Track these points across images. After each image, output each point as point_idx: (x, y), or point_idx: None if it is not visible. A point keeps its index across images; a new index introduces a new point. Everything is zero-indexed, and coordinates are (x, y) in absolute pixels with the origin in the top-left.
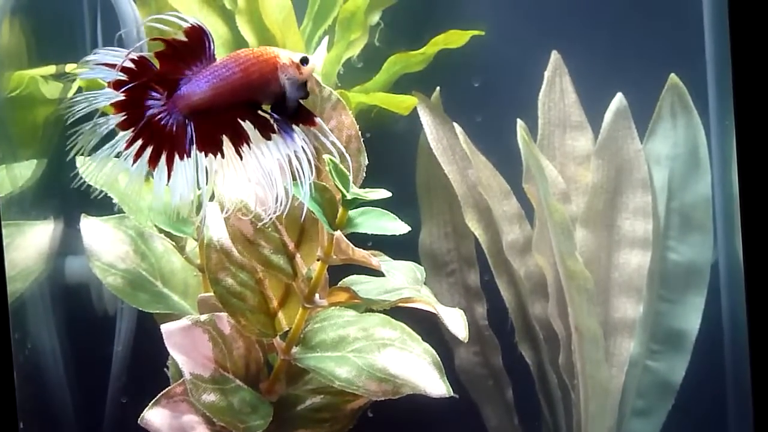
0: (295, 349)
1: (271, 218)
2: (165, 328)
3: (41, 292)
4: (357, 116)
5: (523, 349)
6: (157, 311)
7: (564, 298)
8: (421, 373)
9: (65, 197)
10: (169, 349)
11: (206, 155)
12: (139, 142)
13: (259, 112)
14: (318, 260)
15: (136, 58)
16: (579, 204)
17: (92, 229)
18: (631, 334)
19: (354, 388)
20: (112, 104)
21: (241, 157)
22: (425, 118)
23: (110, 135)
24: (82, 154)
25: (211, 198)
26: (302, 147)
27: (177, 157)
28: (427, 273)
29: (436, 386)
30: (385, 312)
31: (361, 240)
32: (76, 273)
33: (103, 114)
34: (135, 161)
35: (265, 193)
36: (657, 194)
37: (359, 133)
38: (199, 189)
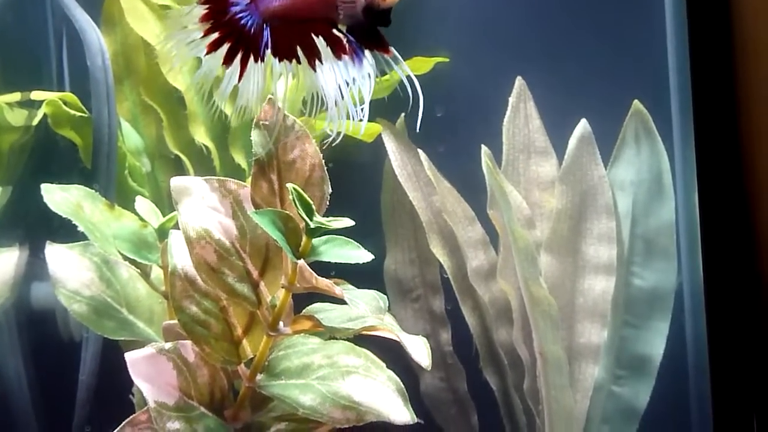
0: (259, 377)
1: (335, 138)
2: (129, 356)
3: (7, 319)
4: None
5: (487, 374)
6: (123, 338)
7: (529, 324)
8: (385, 400)
9: (30, 224)
10: (134, 378)
11: (280, 60)
12: (216, 35)
13: (335, 30)
14: (282, 288)
15: None
16: (544, 229)
17: (57, 256)
18: (596, 360)
19: (318, 415)
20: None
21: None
22: (390, 145)
23: None
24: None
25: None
26: (368, 73)
27: (252, 58)
28: (393, 299)
29: (400, 413)
30: (349, 339)
31: (326, 267)
32: (41, 299)
33: None
34: (209, 52)
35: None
36: (621, 220)
37: (323, 162)
38: (270, 93)
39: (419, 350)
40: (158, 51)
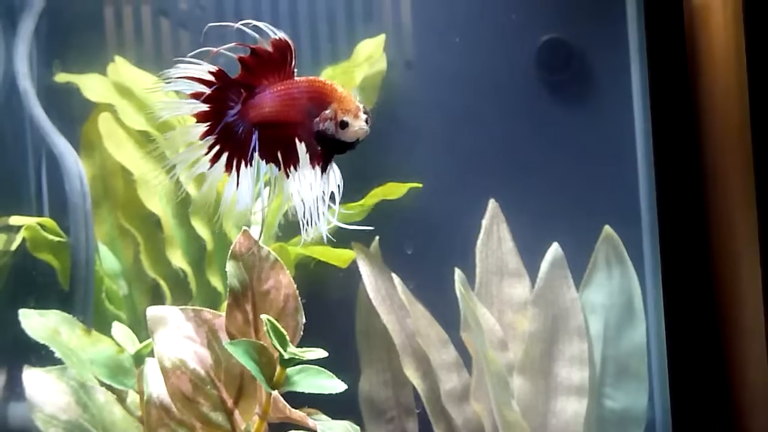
0: None
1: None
2: None
3: None
4: (296, 266)
5: None
6: None
7: None
8: None
9: (8, 346)
10: None
11: (267, 163)
12: (218, 147)
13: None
14: (256, 416)
15: (214, 70)
16: (516, 351)
17: (35, 380)
18: None
19: None
20: (195, 114)
21: (287, 176)
22: (364, 269)
23: None
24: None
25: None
26: (337, 186)
27: (243, 164)
28: (367, 419)
29: None
30: None
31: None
32: (18, 419)
33: None
34: (212, 165)
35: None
36: (593, 342)
37: (296, 292)
38: (258, 197)
39: None
40: (148, 177)
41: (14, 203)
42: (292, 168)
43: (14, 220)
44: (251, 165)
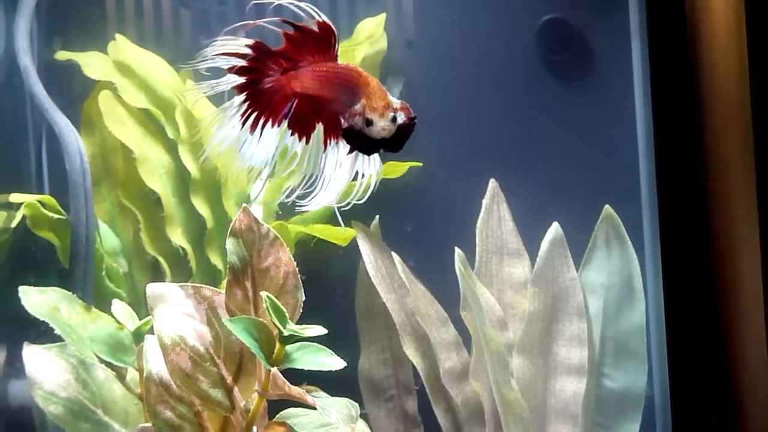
0: None
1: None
2: None
3: None
4: (297, 244)
5: None
6: None
7: (501, 425)
8: None
9: (8, 323)
10: None
11: (292, 134)
12: (250, 110)
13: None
14: (256, 393)
15: (251, 43)
16: (516, 331)
17: (34, 357)
18: None
19: None
20: (233, 88)
21: (325, 148)
22: (364, 247)
23: None
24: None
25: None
26: (377, 170)
27: (270, 123)
28: (366, 398)
29: None
30: None
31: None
32: (18, 397)
33: None
34: (243, 126)
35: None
36: (592, 322)
37: (296, 269)
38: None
39: None
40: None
41: (14, 181)
42: (332, 140)
43: (14, 197)
44: (278, 126)
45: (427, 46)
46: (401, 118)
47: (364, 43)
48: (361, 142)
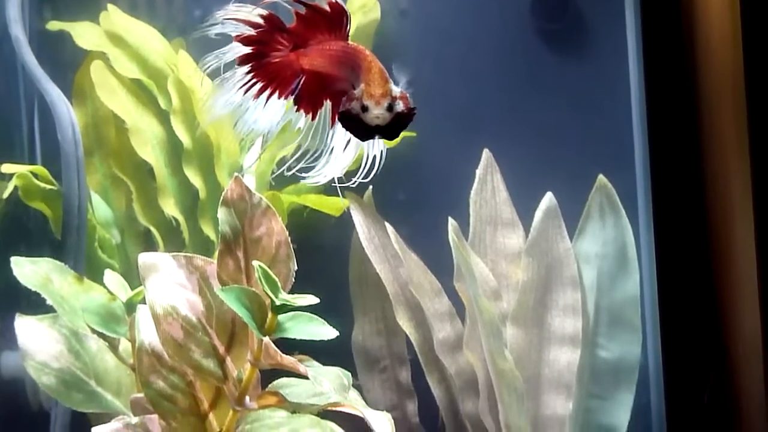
0: None
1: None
2: (96, 431)
3: None
4: (290, 215)
5: None
6: (91, 410)
7: (494, 396)
8: None
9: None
10: None
11: (297, 110)
12: (259, 86)
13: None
14: (248, 363)
15: (265, 13)
16: (510, 301)
17: (27, 328)
18: (562, 431)
19: None
20: (238, 57)
21: (333, 123)
22: (357, 218)
23: None
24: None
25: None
26: (381, 151)
27: (276, 95)
28: (360, 369)
29: None
30: (317, 412)
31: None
32: (11, 368)
33: None
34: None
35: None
36: (586, 292)
37: (288, 239)
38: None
39: (383, 426)
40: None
41: (6, 151)
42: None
43: (6, 168)
44: (285, 99)
45: (420, 15)
46: (399, 107)
47: (357, 12)
48: (356, 126)
